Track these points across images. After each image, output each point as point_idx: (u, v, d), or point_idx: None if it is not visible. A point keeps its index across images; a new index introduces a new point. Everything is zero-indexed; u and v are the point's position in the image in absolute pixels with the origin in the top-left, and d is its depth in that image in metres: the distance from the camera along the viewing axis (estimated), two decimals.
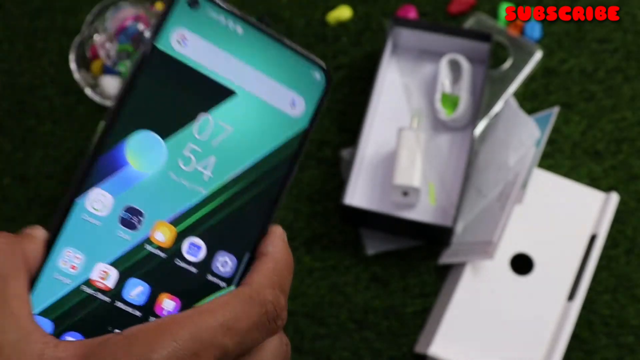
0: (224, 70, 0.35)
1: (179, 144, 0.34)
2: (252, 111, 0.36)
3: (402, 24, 0.80)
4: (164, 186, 0.34)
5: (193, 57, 0.35)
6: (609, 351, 0.71)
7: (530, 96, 0.81)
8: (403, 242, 0.76)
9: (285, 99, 0.36)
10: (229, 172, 0.35)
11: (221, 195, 0.35)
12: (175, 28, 0.35)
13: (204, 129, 0.35)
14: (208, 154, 0.35)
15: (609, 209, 0.73)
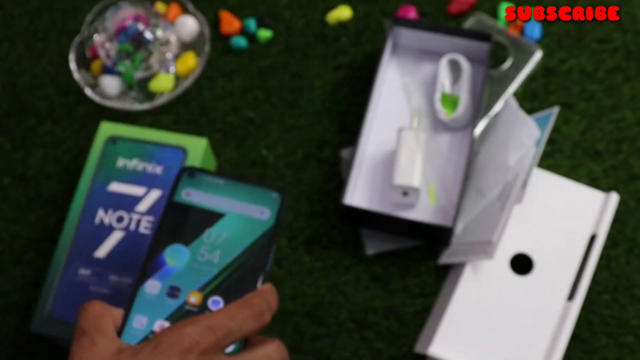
0: (216, 204, 0.57)
1: (196, 247, 0.56)
2: (237, 222, 0.57)
3: (402, 24, 0.80)
4: (190, 271, 0.55)
5: (196, 201, 0.57)
6: (608, 351, 0.71)
7: (530, 96, 0.81)
8: (403, 242, 0.76)
9: (256, 211, 0.57)
10: (229, 257, 0.55)
11: (227, 270, 0.55)
12: (182, 189, 0.57)
13: (210, 237, 0.56)
14: (214, 249, 0.56)
15: (609, 209, 0.73)
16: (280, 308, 0.74)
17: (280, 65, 0.83)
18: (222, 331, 0.50)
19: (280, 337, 0.74)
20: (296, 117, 0.81)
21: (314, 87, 0.82)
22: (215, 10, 0.85)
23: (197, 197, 0.57)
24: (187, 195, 0.57)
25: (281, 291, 0.75)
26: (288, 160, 0.79)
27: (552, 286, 0.71)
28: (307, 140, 0.80)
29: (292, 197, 0.78)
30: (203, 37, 0.83)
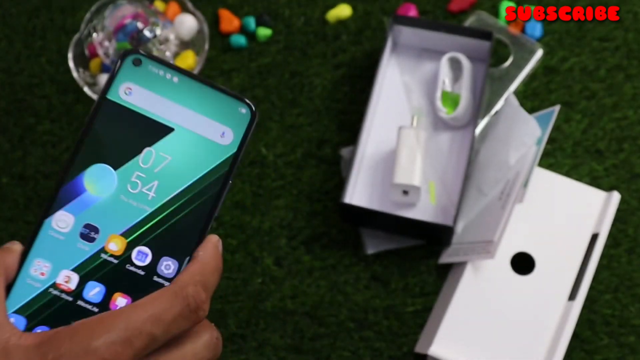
0: (163, 112, 0.44)
1: (127, 172, 0.43)
2: (187, 143, 0.44)
3: (402, 22, 0.80)
4: (115, 206, 0.43)
5: (137, 104, 0.44)
6: (610, 351, 0.71)
7: (531, 95, 0.81)
8: (403, 242, 0.75)
9: (215, 131, 0.44)
10: (169, 192, 0.43)
11: (164, 212, 0.43)
12: (122, 82, 0.44)
13: (147, 160, 0.43)
14: (151, 180, 0.43)
15: (610, 208, 0.72)
16: (280, 307, 0.74)
17: (280, 64, 0.83)
18: (142, 341, 0.38)
19: (280, 336, 0.73)
20: (296, 115, 0.80)
21: (314, 85, 0.82)
22: (215, 9, 0.85)
23: (140, 98, 0.44)
24: (126, 93, 0.44)
25: (281, 290, 0.75)
26: (288, 159, 0.79)
27: (553, 286, 0.70)
28: (306, 139, 0.79)
29: (292, 196, 0.78)
30: (202, 36, 0.83)
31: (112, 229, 0.42)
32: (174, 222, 0.43)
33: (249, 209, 0.77)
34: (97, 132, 0.43)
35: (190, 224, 0.43)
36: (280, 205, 0.77)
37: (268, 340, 0.73)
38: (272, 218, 0.77)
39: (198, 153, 0.44)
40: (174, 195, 0.43)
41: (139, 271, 0.42)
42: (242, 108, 0.45)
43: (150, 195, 0.43)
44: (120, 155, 0.43)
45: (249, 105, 0.45)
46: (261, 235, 0.76)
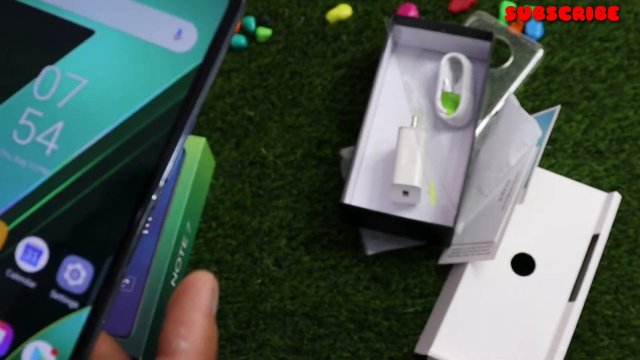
0: (78, 4, 0.25)
1: (12, 111, 0.25)
2: (117, 53, 0.26)
3: (402, 22, 0.79)
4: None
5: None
6: (610, 352, 0.71)
7: (531, 95, 0.80)
8: (403, 242, 0.75)
9: (166, 30, 0.26)
10: (82, 141, 0.25)
11: (72, 176, 0.25)
12: None
13: (48, 87, 0.25)
14: (53, 120, 0.25)
15: (611, 208, 0.72)
16: (279, 308, 0.74)
17: (280, 64, 0.82)
18: None
19: (280, 337, 0.73)
20: (296, 116, 0.80)
21: (314, 85, 0.82)
22: None
23: None
24: None
25: (280, 291, 0.75)
26: (287, 160, 0.78)
27: (553, 286, 0.70)
28: (306, 139, 0.79)
29: (291, 196, 0.78)
30: None
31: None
32: (90, 195, 0.25)
33: (249, 209, 0.77)
34: None
35: (117, 197, 0.25)
36: (280, 206, 0.77)
37: (268, 341, 0.73)
38: (271, 218, 0.77)
39: (134, 70, 0.26)
40: (90, 146, 0.25)
41: (27, 281, 0.26)
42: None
43: (50, 146, 0.25)
44: (1, 81, 0.25)
45: None
46: (261, 235, 0.76)
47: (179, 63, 0.27)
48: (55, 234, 0.25)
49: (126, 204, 0.25)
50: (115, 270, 0.25)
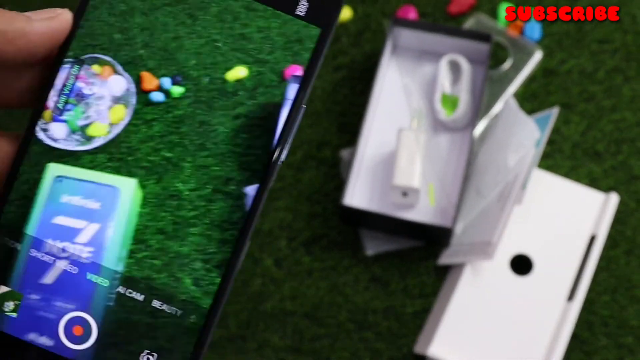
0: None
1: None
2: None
3: (401, 25, 0.80)
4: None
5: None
6: (608, 352, 0.71)
7: (530, 97, 0.81)
8: (403, 243, 0.76)
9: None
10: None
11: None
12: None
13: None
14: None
15: (609, 209, 0.73)
16: (280, 308, 0.74)
17: None
18: None
19: (280, 337, 0.73)
20: None
21: (314, 87, 0.82)
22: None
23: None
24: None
25: (281, 292, 0.75)
26: (288, 161, 0.79)
27: (552, 287, 0.70)
28: (306, 140, 0.80)
29: (291, 197, 0.78)
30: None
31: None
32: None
33: None
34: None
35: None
36: (280, 207, 0.77)
37: (268, 341, 0.73)
38: (272, 219, 0.77)
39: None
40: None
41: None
42: (312, 29, 0.35)
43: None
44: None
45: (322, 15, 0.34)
46: (261, 236, 0.77)
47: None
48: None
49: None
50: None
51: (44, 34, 0.32)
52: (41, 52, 0.33)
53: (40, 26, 0.32)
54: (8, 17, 0.31)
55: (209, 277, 0.41)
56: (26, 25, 0.31)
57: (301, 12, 0.36)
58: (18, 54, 0.32)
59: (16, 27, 0.31)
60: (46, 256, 0.41)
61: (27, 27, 0.31)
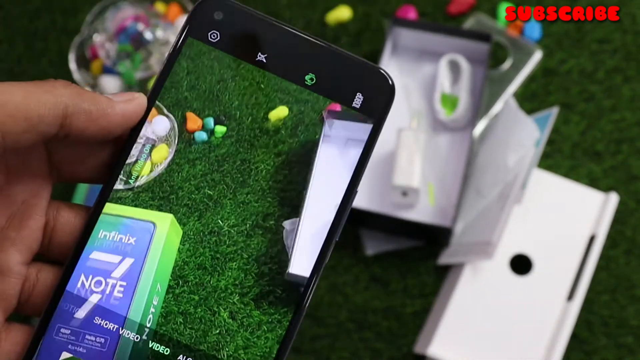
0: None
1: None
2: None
3: (401, 24, 0.80)
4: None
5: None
6: (608, 351, 0.71)
7: (529, 96, 0.81)
8: (402, 243, 0.76)
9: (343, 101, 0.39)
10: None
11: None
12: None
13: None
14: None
15: (609, 209, 0.73)
16: None
17: None
18: None
19: None
20: None
21: None
22: None
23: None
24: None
25: None
26: None
27: (551, 286, 0.71)
28: None
29: None
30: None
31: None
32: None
33: None
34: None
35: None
36: None
37: None
38: None
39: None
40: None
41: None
42: (377, 79, 0.37)
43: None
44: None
45: (385, 77, 0.37)
46: None
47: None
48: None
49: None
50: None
51: (123, 115, 0.35)
52: (117, 132, 0.35)
53: (120, 108, 0.35)
54: (94, 97, 0.34)
55: (245, 310, 0.42)
56: (109, 106, 0.34)
57: (357, 105, 0.38)
58: (99, 133, 0.34)
59: (100, 108, 0.34)
60: (81, 291, 0.41)
61: (109, 108, 0.34)
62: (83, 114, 0.33)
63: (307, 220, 0.41)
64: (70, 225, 0.37)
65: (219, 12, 0.37)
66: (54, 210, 0.37)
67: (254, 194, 0.45)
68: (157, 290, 0.47)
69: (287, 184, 0.46)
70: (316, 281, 0.37)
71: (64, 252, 0.36)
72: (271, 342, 0.41)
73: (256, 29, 0.37)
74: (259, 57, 0.37)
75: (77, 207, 0.37)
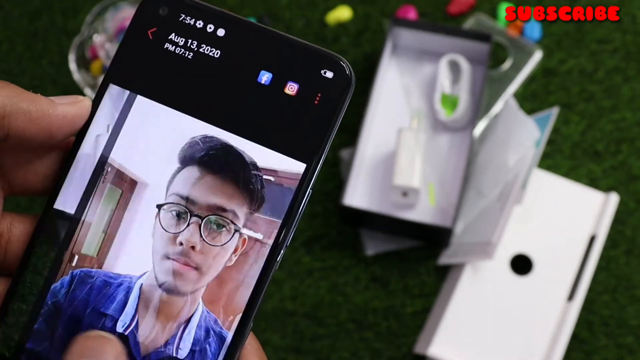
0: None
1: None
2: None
3: (401, 25, 0.80)
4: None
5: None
6: (608, 351, 0.71)
7: (529, 96, 0.81)
8: (403, 243, 0.76)
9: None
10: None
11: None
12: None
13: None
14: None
15: (609, 209, 0.73)
16: (280, 308, 0.75)
17: None
18: None
19: (280, 337, 0.74)
20: None
21: None
22: None
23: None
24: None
25: (281, 291, 0.75)
26: None
27: (552, 287, 0.71)
28: None
29: None
30: None
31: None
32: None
33: None
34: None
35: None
36: None
37: (268, 341, 0.74)
38: None
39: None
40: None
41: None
42: (325, 70, 0.36)
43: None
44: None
45: (341, 65, 0.35)
46: None
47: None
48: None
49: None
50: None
51: (65, 117, 0.34)
52: (60, 136, 0.34)
53: (62, 110, 0.34)
54: (33, 98, 0.33)
55: None
56: (49, 107, 0.33)
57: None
58: (39, 134, 0.33)
59: (40, 108, 0.33)
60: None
61: (50, 109, 0.33)
62: (22, 114, 0.33)
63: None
64: (25, 237, 0.36)
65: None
66: (7, 223, 0.36)
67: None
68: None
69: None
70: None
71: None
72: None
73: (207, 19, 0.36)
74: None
75: (32, 218, 0.36)
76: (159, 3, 0.35)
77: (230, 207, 0.35)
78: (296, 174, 0.34)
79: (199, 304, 0.35)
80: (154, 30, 0.35)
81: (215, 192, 0.35)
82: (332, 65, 0.35)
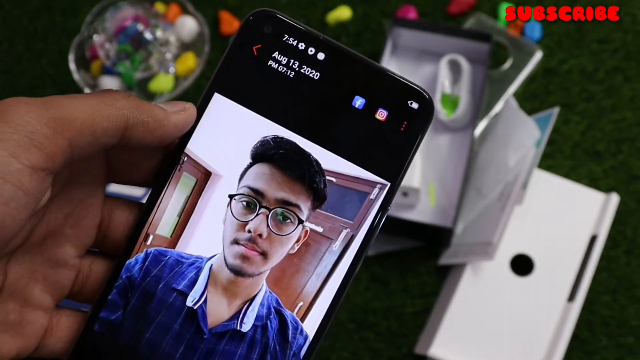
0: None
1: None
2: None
3: (401, 24, 0.80)
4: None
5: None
6: (609, 352, 0.71)
7: (530, 96, 0.81)
8: (403, 243, 0.76)
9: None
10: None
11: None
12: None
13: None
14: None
15: (609, 209, 0.73)
16: None
17: None
18: None
19: None
20: None
21: None
22: (215, 11, 0.85)
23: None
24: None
25: None
26: None
27: (552, 287, 0.71)
28: None
29: None
30: (203, 37, 0.83)
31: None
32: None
33: None
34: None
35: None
36: None
37: None
38: None
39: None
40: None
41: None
42: (412, 101, 0.39)
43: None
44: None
45: (426, 99, 0.38)
46: None
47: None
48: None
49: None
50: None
51: (176, 126, 0.37)
52: (169, 141, 0.37)
53: (174, 119, 0.37)
54: (151, 109, 0.36)
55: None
56: (164, 117, 0.36)
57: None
58: (154, 142, 0.36)
59: (157, 119, 0.36)
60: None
61: (164, 119, 0.36)
62: (142, 125, 0.35)
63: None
64: (123, 223, 0.39)
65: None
66: (109, 208, 0.38)
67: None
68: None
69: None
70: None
71: (117, 247, 0.38)
72: None
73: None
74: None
75: (131, 204, 0.39)
76: (265, 22, 0.40)
77: (296, 201, 0.38)
78: (370, 186, 0.39)
79: (263, 285, 0.39)
80: (258, 47, 0.39)
81: (283, 188, 0.38)
82: (419, 98, 0.38)
